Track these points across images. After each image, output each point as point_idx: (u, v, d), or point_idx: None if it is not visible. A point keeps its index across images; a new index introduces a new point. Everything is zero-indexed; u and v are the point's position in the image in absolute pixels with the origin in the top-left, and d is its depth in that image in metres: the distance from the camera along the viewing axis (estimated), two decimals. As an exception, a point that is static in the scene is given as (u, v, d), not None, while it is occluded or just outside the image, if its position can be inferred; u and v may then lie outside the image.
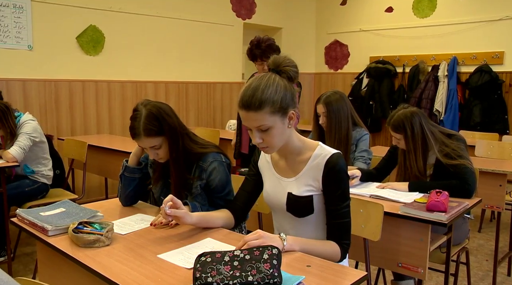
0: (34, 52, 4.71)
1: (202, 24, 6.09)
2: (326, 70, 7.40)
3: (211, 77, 6.29)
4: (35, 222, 1.77)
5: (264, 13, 6.89)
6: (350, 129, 2.96)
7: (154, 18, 5.60)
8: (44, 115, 4.75)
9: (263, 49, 3.19)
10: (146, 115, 1.88)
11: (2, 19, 4.49)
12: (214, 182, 1.96)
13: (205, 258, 1.28)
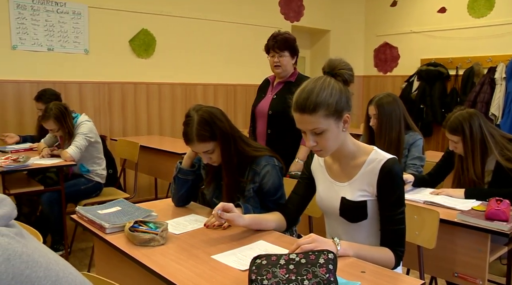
0: (89, 55, 4.89)
1: (250, 27, 6.13)
2: (375, 73, 7.27)
3: (259, 80, 6.28)
4: (93, 219, 1.84)
5: (312, 16, 6.85)
6: (402, 133, 2.89)
7: (203, 22, 5.68)
8: (98, 116, 4.92)
9: (277, 40, 3.10)
10: (198, 121, 1.90)
11: (62, 25, 4.70)
12: (267, 185, 1.96)
13: (261, 260, 1.28)
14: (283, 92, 3.10)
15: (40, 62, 4.60)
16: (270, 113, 3.11)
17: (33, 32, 4.56)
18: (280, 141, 3.09)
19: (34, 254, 0.80)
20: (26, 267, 0.75)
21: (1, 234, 0.78)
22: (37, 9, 4.56)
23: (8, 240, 0.77)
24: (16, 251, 0.76)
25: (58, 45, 4.71)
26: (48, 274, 0.79)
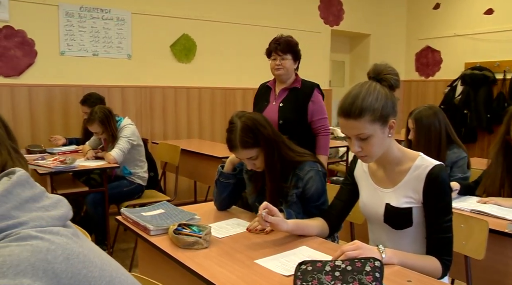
0: (132, 60, 5.01)
1: (289, 31, 6.06)
2: (416, 77, 7.12)
3: (298, 84, 6.30)
4: (138, 221, 1.87)
5: (353, 20, 6.79)
6: (443, 149, 2.74)
7: (243, 26, 5.72)
8: (139, 120, 5.03)
9: (280, 43, 3.06)
10: (241, 128, 1.91)
11: (107, 31, 4.84)
12: (310, 191, 1.95)
13: (306, 266, 1.28)
14: (290, 99, 3.03)
15: (85, 67, 4.75)
16: (281, 123, 3.00)
17: (79, 38, 4.71)
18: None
19: (89, 254, 0.82)
20: (83, 267, 0.77)
21: (60, 234, 0.80)
22: (83, 16, 4.72)
23: (66, 240, 0.79)
24: (74, 251, 0.78)
25: (103, 50, 4.85)
26: (102, 275, 0.81)
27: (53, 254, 0.74)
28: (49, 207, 0.85)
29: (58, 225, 0.82)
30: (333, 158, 5.53)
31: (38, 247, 0.73)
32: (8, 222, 0.76)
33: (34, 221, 0.79)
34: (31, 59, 4.48)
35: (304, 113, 3.00)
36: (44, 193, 0.88)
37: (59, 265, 0.73)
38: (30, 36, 4.45)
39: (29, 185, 0.85)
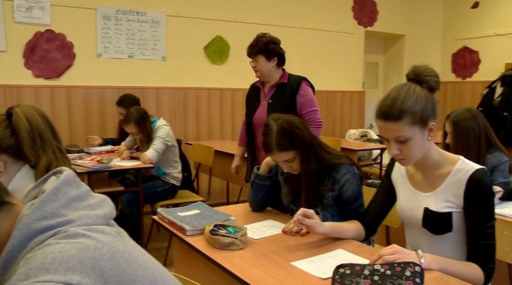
0: (166, 62, 5.09)
1: (323, 32, 6.10)
2: (453, 78, 6.96)
3: (331, 86, 6.26)
4: (174, 221, 1.89)
5: (387, 20, 6.69)
6: (483, 153, 2.64)
7: (276, 28, 5.71)
8: (173, 121, 5.09)
9: (250, 46, 2.98)
10: (277, 131, 1.91)
11: (142, 34, 4.92)
12: (346, 194, 1.93)
13: (344, 269, 1.26)
14: (278, 95, 2.96)
15: (121, 69, 4.85)
16: None
17: (116, 40, 4.82)
18: None
19: (133, 253, 0.83)
20: (128, 265, 0.79)
21: (106, 232, 0.82)
22: (120, 19, 4.81)
23: (111, 239, 0.81)
24: (119, 249, 0.80)
25: (138, 52, 4.94)
26: (146, 273, 0.82)
27: (100, 252, 0.76)
28: (94, 206, 0.87)
29: (102, 223, 0.84)
30: (366, 160, 5.46)
31: (86, 245, 0.75)
32: (57, 220, 0.78)
33: (81, 219, 0.81)
34: (70, 61, 4.61)
35: (293, 108, 2.90)
36: (90, 192, 0.90)
37: (105, 263, 0.75)
38: (69, 39, 4.58)
39: (76, 184, 0.88)
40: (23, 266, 0.71)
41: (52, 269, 0.69)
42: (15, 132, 1.36)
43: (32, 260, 0.71)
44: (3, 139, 1.34)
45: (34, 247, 0.75)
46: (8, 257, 0.75)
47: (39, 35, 4.44)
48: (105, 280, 0.73)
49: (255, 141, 3.08)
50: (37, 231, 0.76)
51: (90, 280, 0.71)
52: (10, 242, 0.75)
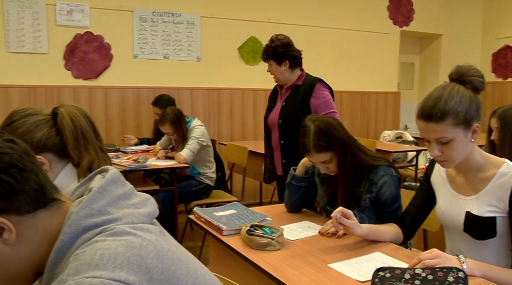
0: (201, 63, 5.14)
1: (357, 33, 6.03)
2: (493, 79, 6.75)
3: (366, 87, 6.19)
4: (210, 221, 1.91)
5: (423, 20, 6.55)
6: None
7: (310, 28, 5.70)
8: (207, 121, 5.13)
9: (263, 51, 2.97)
10: (315, 131, 1.90)
11: (177, 35, 4.99)
12: (384, 196, 1.90)
13: (384, 273, 1.24)
14: (291, 97, 2.89)
15: (156, 69, 4.93)
16: (281, 122, 2.87)
17: (151, 41, 4.90)
18: (295, 150, 2.74)
19: (176, 251, 0.84)
20: (172, 264, 0.79)
21: (150, 231, 0.83)
22: (156, 20, 4.89)
23: (156, 237, 0.82)
24: (163, 248, 0.81)
25: (173, 53, 5.01)
26: (189, 272, 0.82)
27: (145, 250, 0.77)
28: (138, 205, 0.88)
29: (146, 222, 0.86)
30: (401, 162, 5.37)
31: (132, 243, 0.76)
32: (103, 218, 0.80)
33: (127, 217, 0.82)
34: (107, 62, 4.71)
35: (306, 110, 2.78)
36: (133, 191, 0.92)
37: (151, 261, 0.76)
38: (107, 40, 4.68)
39: (121, 183, 0.89)
40: (73, 262, 0.73)
41: (101, 266, 0.70)
42: (59, 131, 1.40)
43: (81, 256, 0.73)
44: (48, 138, 1.38)
45: (82, 244, 0.77)
46: (58, 253, 0.77)
47: (78, 37, 4.56)
48: (150, 278, 0.74)
49: (271, 141, 3.03)
50: (85, 228, 0.78)
51: (136, 277, 0.72)
52: (60, 238, 0.77)
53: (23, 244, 0.78)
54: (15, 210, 0.76)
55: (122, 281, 0.69)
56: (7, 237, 0.76)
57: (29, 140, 1.34)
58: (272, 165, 3.08)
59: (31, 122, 1.36)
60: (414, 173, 4.92)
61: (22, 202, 0.77)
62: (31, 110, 1.40)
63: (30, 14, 4.34)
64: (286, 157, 2.84)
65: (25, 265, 0.80)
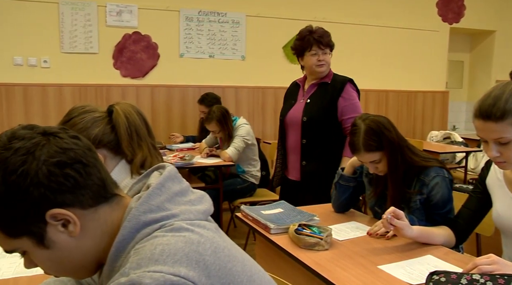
0: (246, 62, 5.16)
1: (404, 30, 5.89)
2: (548, 77, 6.43)
3: (413, 86, 6.03)
4: (258, 219, 1.91)
5: (475, 16, 6.32)
6: None
7: (355, 27, 5.61)
8: (252, 120, 5.15)
9: (321, 35, 2.70)
10: (365, 131, 1.87)
11: (223, 34, 5.04)
12: (435, 198, 1.85)
13: (439, 277, 1.21)
14: (318, 95, 2.71)
15: (202, 68, 4.99)
16: (305, 120, 2.68)
17: (197, 41, 4.96)
18: (317, 152, 2.67)
19: (232, 249, 0.85)
20: (228, 261, 0.80)
21: (207, 228, 0.84)
22: (201, 20, 4.95)
23: (212, 234, 0.83)
24: (220, 244, 0.81)
25: (218, 52, 5.06)
26: (244, 269, 0.83)
27: (203, 246, 0.77)
28: (194, 202, 0.89)
29: (202, 219, 0.87)
30: (449, 164, 5.21)
31: (191, 239, 0.77)
32: (162, 213, 0.82)
33: (184, 214, 0.83)
34: (154, 61, 4.81)
35: (333, 111, 2.66)
36: (189, 188, 0.93)
37: (208, 258, 0.77)
38: (154, 40, 4.78)
39: (178, 180, 0.91)
40: (134, 256, 0.74)
41: (161, 261, 0.71)
42: (114, 128, 1.44)
43: (142, 250, 0.75)
44: (104, 134, 1.42)
45: (142, 239, 0.78)
46: (118, 246, 0.79)
47: (127, 37, 4.68)
48: (208, 274, 0.75)
49: (286, 141, 2.84)
50: (145, 223, 0.80)
51: (195, 273, 0.73)
52: (120, 232, 0.80)
53: (86, 237, 0.81)
54: (79, 204, 0.79)
55: (181, 276, 0.71)
56: (72, 229, 0.79)
57: (86, 136, 1.39)
58: (281, 168, 2.90)
59: (88, 119, 1.41)
60: (463, 175, 4.77)
61: (86, 196, 0.79)
62: (88, 107, 1.45)
63: (82, 16, 4.49)
64: (307, 159, 2.69)
65: (88, 257, 0.83)
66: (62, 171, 0.76)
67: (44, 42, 4.40)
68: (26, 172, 0.74)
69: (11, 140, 0.76)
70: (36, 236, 0.77)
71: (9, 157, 0.74)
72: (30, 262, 0.82)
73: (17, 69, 4.34)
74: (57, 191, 0.76)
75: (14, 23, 4.29)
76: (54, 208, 0.76)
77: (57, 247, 0.79)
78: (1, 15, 4.25)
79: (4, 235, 0.77)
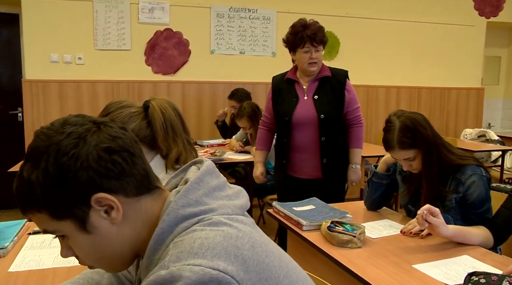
0: (276, 58, 5.14)
1: (438, 26, 5.76)
2: None
3: (446, 82, 5.90)
4: (290, 216, 1.91)
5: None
6: None
7: (388, 22, 5.52)
8: (281, 116, 5.14)
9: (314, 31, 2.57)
10: (400, 128, 1.83)
11: (253, 30, 5.04)
12: (471, 197, 1.80)
13: (478, 278, 1.18)
14: (323, 90, 2.63)
15: (232, 65, 5.00)
16: (322, 117, 2.58)
17: (228, 37, 4.98)
18: (336, 148, 2.66)
19: (269, 244, 0.85)
20: (266, 256, 0.80)
21: (244, 222, 0.84)
22: (232, 16, 4.97)
23: (250, 229, 0.83)
24: (257, 239, 0.82)
25: (249, 48, 5.06)
26: (281, 265, 0.83)
27: (241, 241, 0.78)
28: (232, 196, 0.90)
29: (239, 214, 0.87)
30: (484, 162, 5.08)
31: (229, 233, 0.78)
32: (200, 208, 0.82)
33: (222, 208, 0.84)
34: (185, 57, 4.86)
35: (341, 103, 2.64)
36: (227, 183, 0.93)
37: (246, 252, 0.77)
38: (185, 37, 4.82)
39: (215, 175, 0.91)
40: (174, 249, 0.75)
41: (200, 254, 0.72)
42: (150, 123, 1.46)
43: (181, 243, 0.75)
44: (140, 129, 1.45)
45: (180, 232, 0.79)
46: (157, 239, 0.80)
47: (158, 34, 4.73)
48: (246, 269, 0.75)
49: (291, 141, 2.69)
50: (183, 217, 0.80)
51: (234, 267, 0.73)
52: (159, 225, 0.80)
53: (127, 225, 0.82)
54: (124, 191, 0.80)
55: (220, 270, 0.71)
56: (115, 216, 0.80)
57: None
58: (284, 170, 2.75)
59: (125, 114, 1.44)
60: (499, 174, 4.64)
61: (130, 185, 0.81)
62: (125, 102, 1.47)
63: (115, 13, 4.56)
64: (327, 156, 2.62)
65: (127, 247, 0.84)
66: (110, 157, 0.78)
67: (78, 39, 4.50)
68: (77, 155, 0.76)
69: (64, 125, 0.79)
70: (79, 220, 0.79)
71: (62, 140, 0.76)
72: (68, 249, 0.84)
73: (53, 66, 4.46)
74: (104, 176, 0.77)
75: (51, 22, 4.40)
76: (99, 192, 0.77)
77: (98, 233, 0.80)
78: (38, 15, 4.36)
79: (48, 216, 0.78)
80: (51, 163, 0.76)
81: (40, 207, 0.78)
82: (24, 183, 0.77)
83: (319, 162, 2.65)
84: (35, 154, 0.77)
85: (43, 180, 0.76)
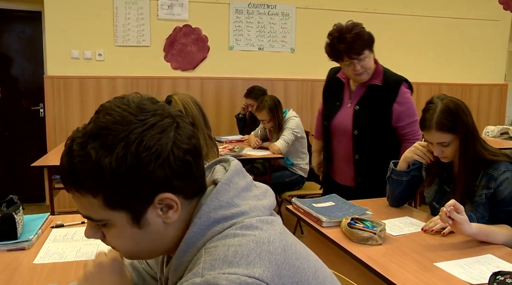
0: (295, 54, 5.13)
1: (460, 21, 5.66)
2: None
3: (467, 78, 5.80)
4: (310, 212, 1.90)
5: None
6: None
7: (409, 18, 5.45)
8: (300, 112, 5.09)
9: (351, 42, 2.25)
10: (441, 109, 1.77)
11: (272, 26, 5.03)
12: (503, 194, 1.75)
13: (504, 278, 1.16)
14: (368, 100, 2.39)
15: (251, 61, 5.01)
16: (356, 134, 2.39)
17: (247, 33, 4.98)
18: (373, 168, 2.36)
19: (297, 245, 0.83)
20: (296, 259, 0.78)
21: (274, 224, 0.81)
22: (251, 12, 4.96)
23: (279, 230, 0.81)
24: (288, 242, 0.79)
25: (268, 44, 5.06)
26: (309, 265, 0.81)
27: (273, 245, 0.76)
28: (260, 196, 0.87)
29: (268, 214, 0.84)
30: (507, 160, 4.97)
31: (261, 238, 0.76)
32: (231, 210, 0.80)
33: (253, 210, 0.81)
34: (204, 54, 4.87)
35: (386, 118, 2.37)
36: (253, 182, 0.91)
37: (279, 257, 0.75)
38: (204, 33, 4.84)
39: (243, 175, 0.89)
40: (207, 256, 0.74)
41: (235, 263, 0.71)
42: None
43: (214, 251, 0.74)
44: (161, 125, 1.45)
45: (212, 237, 0.77)
46: (188, 242, 0.78)
47: (178, 30, 4.76)
48: (279, 274, 0.73)
49: (331, 149, 2.55)
50: (215, 221, 0.79)
51: (269, 273, 0.72)
52: (191, 228, 0.79)
53: (173, 225, 0.81)
54: (184, 193, 0.79)
55: (256, 277, 0.70)
56: (171, 216, 0.78)
57: None
58: (326, 176, 2.64)
59: None
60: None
61: (192, 186, 0.80)
62: None
63: (135, 10, 4.60)
64: (361, 175, 2.43)
65: (165, 245, 0.83)
66: (185, 157, 0.76)
67: (99, 36, 4.55)
68: (159, 152, 0.73)
69: (142, 111, 0.75)
70: (134, 214, 0.76)
71: (146, 130, 0.73)
72: (97, 233, 0.81)
73: (74, 62, 4.52)
74: (176, 175, 0.76)
75: (72, 19, 4.46)
76: (167, 192, 0.76)
77: (149, 229, 0.79)
78: (60, 12, 4.42)
79: (102, 203, 0.75)
80: (131, 153, 0.72)
81: (98, 192, 0.74)
82: (90, 164, 0.72)
83: (353, 178, 2.48)
84: (108, 135, 0.72)
85: (117, 169, 0.71)
